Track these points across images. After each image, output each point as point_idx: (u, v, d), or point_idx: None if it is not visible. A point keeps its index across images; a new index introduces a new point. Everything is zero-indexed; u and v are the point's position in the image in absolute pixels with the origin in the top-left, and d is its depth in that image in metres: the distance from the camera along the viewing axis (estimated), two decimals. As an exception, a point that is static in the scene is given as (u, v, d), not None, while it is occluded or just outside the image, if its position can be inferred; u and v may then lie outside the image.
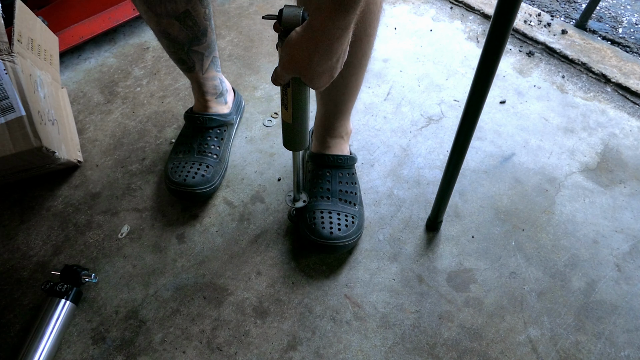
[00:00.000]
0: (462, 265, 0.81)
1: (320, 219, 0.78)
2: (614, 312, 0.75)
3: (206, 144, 0.89)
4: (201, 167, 0.86)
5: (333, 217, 0.79)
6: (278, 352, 0.72)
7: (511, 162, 0.95)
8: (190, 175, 0.84)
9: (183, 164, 0.86)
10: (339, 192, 0.82)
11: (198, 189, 0.84)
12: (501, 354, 0.71)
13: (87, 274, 0.77)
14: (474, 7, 1.30)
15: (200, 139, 0.89)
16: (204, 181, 0.85)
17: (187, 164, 0.86)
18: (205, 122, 0.90)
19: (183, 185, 0.83)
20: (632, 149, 0.97)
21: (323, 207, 0.80)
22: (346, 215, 0.80)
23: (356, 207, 0.82)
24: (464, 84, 1.11)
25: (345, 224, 0.78)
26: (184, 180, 0.83)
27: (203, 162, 0.87)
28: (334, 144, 0.85)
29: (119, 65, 1.17)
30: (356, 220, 0.80)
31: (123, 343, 0.73)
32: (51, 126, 0.85)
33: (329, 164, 0.83)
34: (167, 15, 0.74)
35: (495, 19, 0.49)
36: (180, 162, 0.87)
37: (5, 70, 0.78)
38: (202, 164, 0.87)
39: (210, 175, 0.86)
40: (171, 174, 0.85)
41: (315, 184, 0.83)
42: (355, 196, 0.83)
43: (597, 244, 0.83)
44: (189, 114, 0.91)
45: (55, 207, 0.90)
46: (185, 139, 0.90)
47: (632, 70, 1.11)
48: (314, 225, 0.77)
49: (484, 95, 0.58)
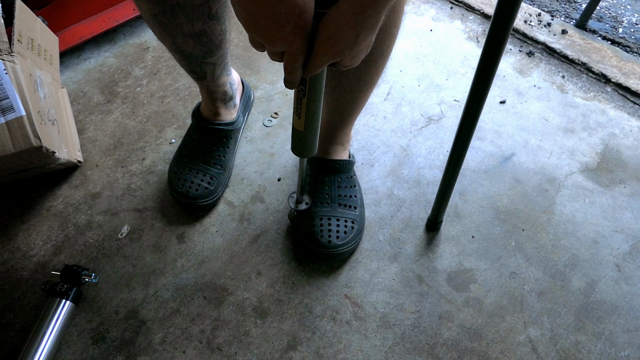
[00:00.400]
0: (462, 265, 0.81)
1: (320, 227, 0.78)
2: (614, 312, 0.75)
3: (211, 154, 0.88)
4: (205, 179, 0.86)
5: (332, 223, 0.79)
6: (278, 352, 0.72)
7: (511, 162, 0.95)
8: (193, 187, 0.84)
9: (187, 171, 0.86)
10: (338, 197, 0.82)
11: (201, 201, 0.85)
12: (501, 354, 0.71)
13: (87, 274, 0.77)
14: (474, 7, 1.30)
15: (206, 147, 0.89)
16: (207, 193, 0.85)
17: (191, 173, 0.86)
18: (212, 132, 0.89)
19: (186, 197, 0.84)
20: (632, 149, 0.97)
21: (323, 213, 0.80)
22: (346, 220, 0.80)
23: (357, 210, 0.82)
24: (464, 84, 1.11)
25: (345, 230, 0.78)
26: (187, 192, 0.84)
27: (207, 172, 0.87)
28: (334, 150, 0.85)
29: (119, 65, 1.17)
30: (356, 224, 0.80)
31: (123, 343, 0.73)
32: (51, 126, 0.85)
33: (328, 169, 0.83)
34: (183, 35, 0.72)
35: (496, 19, 0.49)
36: (185, 167, 0.87)
37: (5, 70, 0.78)
38: (206, 175, 0.87)
39: (213, 187, 0.86)
40: (175, 182, 0.85)
41: (315, 189, 0.83)
42: (356, 199, 0.83)
43: (597, 244, 0.83)
44: (197, 118, 0.89)
45: (55, 207, 0.90)
46: (191, 141, 0.90)
47: (632, 70, 1.11)
48: (312, 233, 0.78)
49: (484, 95, 0.58)
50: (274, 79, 1.13)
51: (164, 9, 0.68)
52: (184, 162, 0.88)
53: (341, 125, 0.82)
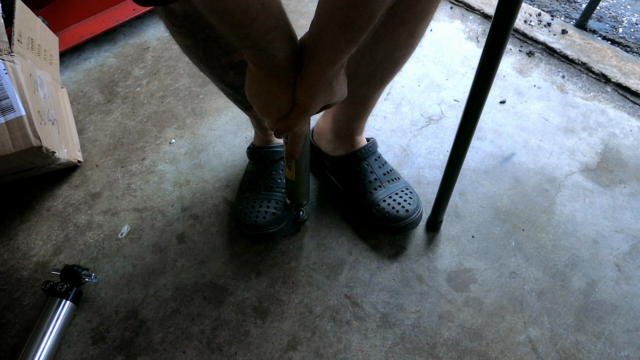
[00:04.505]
0: (462, 265, 0.81)
1: (389, 206, 0.81)
2: (614, 312, 0.75)
3: (272, 179, 0.85)
4: (270, 205, 0.82)
5: (396, 198, 0.82)
6: (278, 352, 0.72)
7: (511, 162, 0.95)
8: (260, 216, 0.81)
9: (252, 204, 0.83)
10: (384, 175, 0.85)
11: (271, 228, 0.81)
12: (501, 354, 0.71)
13: (87, 274, 0.77)
14: (474, 7, 1.30)
15: (266, 174, 0.86)
16: (275, 219, 0.81)
17: (256, 203, 0.83)
18: (269, 156, 0.86)
19: (255, 228, 0.81)
20: (632, 149, 0.97)
21: (383, 196, 0.83)
22: (402, 190, 0.84)
23: (401, 179, 0.87)
24: (464, 84, 1.11)
25: (410, 197, 0.83)
26: (255, 222, 0.81)
27: (272, 198, 0.83)
28: (359, 140, 0.87)
29: (119, 65, 1.17)
30: (410, 188, 0.85)
31: (123, 343, 0.73)
32: (51, 126, 0.85)
33: (364, 157, 0.85)
34: (221, 67, 0.70)
35: (496, 19, 0.49)
36: (249, 202, 0.84)
37: (5, 70, 0.78)
38: (272, 201, 0.83)
39: (280, 211, 0.82)
40: (241, 217, 0.83)
41: (360, 181, 0.85)
42: (394, 171, 0.87)
43: (597, 244, 0.83)
44: (251, 151, 0.87)
45: (55, 207, 0.90)
46: (250, 176, 0.87)
47: (632, 70, 1.11)
48: (387, 214, 0.81)
49: (484, 95, 0.58)
50: (274, 79, 1.12)
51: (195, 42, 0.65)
52: (247, 197, 0.85)
53: (365, 115, 0.84)
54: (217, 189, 0.92)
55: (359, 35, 0.47)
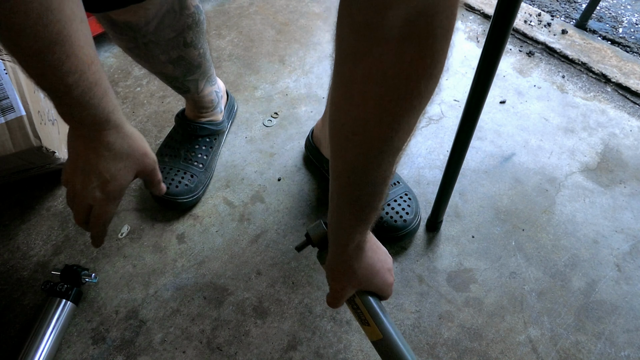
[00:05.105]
0: (462, 265, 0.81)
1: (387, 215, 0.80)
2: (614, 312, 0.75)
3: (194, 152, 0.89)
4: (185, 176, 0.86)
5: (394, 207, 0.82)
6: (278, 352, 0.72)
7: (511, 162, 0.95)
8: (173, 184, 0.85)
9: (168, 170, 0.86)
10: None
11: (180, 198, 0.85)
12: (501, 354, 0.71)
13: (87, 274, 0.77)
14: (474, 7, 1.30)
15: (189, 145, 0.89)
16: (187, 191, 0.85)
17: (172, 171, 0.86)
18: (197, 130, 0.89)
19: (165, 194, 0.83)
20: (632, 149, 0.97)
21: None
22: (400, 197, 0.83)
23: (400, 183, 0.86)
24: (464, 84, 1.11)
25: (409, 205, 0.82)
26: (167, 188, 0.83)
27: (188, 170, 0.87)
28: None
29: (119, 65, 1.17)
30: (409, 194, 0.84)
31: (123, 343, 0.73)
32: (51, 126, 0.85)
33: None
34: (160, 63, 0.75)
35: (496, 19, 0.49)
36: (165, 167, 0.87)
37: (5, 70, 0.78)
38: (187, 173, 0.87)
39: (193, 185, 0.86)
40: None
41: None
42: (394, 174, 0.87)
43: (597, 244, 0.83)
44: (180, 119, 0.90)
45: (55, 207, 0.90)
46: (173, 143, 0.90)
47: (632, 70, 1.11)
48: (386, 224, 0.80)
49: (484, 95, 0.58)
50: (274, 79, 1.13)
51: (137, 44, 0.70)
52: (164, 162, 0.88)
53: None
54: (217, 189, 0.92)
55: (367, 214, 0.47)
